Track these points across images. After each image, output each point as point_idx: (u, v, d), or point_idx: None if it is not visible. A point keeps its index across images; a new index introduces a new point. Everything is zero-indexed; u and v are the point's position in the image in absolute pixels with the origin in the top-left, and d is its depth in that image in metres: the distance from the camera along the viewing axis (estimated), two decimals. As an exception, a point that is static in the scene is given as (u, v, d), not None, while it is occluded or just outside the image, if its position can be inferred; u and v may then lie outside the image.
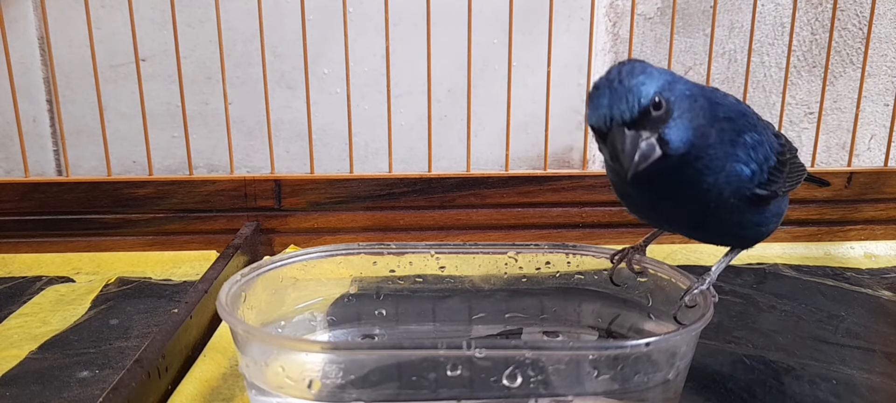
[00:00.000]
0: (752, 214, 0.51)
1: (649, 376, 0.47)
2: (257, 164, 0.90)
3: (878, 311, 0.69)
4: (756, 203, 0.51)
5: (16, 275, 0.76)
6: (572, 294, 0.63)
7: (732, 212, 0.50)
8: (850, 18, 0.92)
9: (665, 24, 0.90)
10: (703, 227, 0.53)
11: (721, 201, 0.49)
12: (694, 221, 0.52)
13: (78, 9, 0.81)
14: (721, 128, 0.48)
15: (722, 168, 0.48)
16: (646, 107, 0.43)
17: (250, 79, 0.86)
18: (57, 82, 0.83)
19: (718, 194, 0.48)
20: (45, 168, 0.88)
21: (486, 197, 0.85)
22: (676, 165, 0.46)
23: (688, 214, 0.51)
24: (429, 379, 0.46)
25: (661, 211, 0.52)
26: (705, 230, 0.54)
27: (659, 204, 0.51)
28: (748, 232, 0.54)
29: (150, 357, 0.52)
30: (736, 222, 0.51)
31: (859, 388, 0.55)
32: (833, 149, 0.96)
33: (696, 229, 0.54)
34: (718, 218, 0.50)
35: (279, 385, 0.47)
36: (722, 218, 0.50)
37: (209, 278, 0.67)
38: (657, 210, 0.53)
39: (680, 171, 0.47)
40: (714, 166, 0.47)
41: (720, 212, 0.50)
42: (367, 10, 0.86)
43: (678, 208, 0.50)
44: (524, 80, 0.89)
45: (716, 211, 0.49)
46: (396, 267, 0.63)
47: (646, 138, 0.44)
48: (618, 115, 0.43)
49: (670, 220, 0.54)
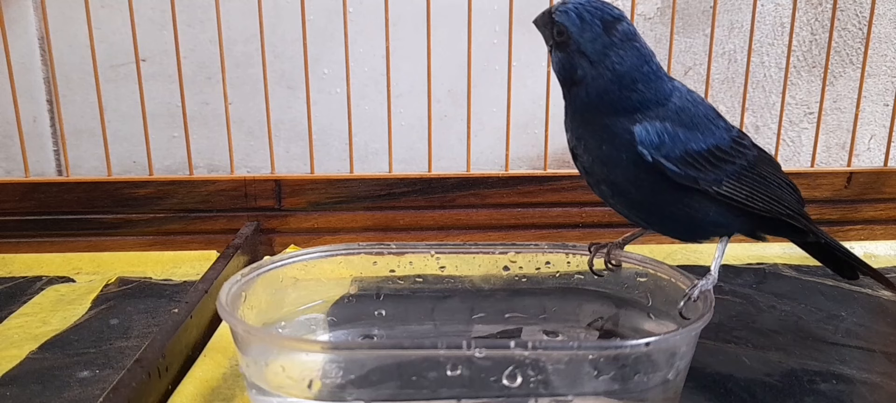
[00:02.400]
0: (672, 194, 0.54)
1: (649, 376, 0.47)
2: (257, 164, 0.90)
3: (878, 311, 0.69)
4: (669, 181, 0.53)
5: (16, 275, 0.76)
6: (572, 294, 0.63)
7: (643, 183, 0.53)
8: (850, 18, 0.92)
9: (665, 24, 0.90)
10: (638, 206, 0.56)
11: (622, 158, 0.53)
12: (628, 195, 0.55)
13: (78, 9, 0.81)
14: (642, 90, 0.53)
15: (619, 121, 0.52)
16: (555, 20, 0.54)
17: (250, 79, 0.86)
18: (57, 82, 0.83)
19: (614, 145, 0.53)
20: (45, 168, 0.88)
21: (486, 197, 0.85)
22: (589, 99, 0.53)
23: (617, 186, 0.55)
24: (429, 379, 0.46)
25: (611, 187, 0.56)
26: (641, 210, 0.56)
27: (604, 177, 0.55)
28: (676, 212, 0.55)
29: (150, 357, 0.52)
30: (651, 195, 0.54)
31: (859, 388, 0.55)
32: (833, 149, 0.96)
33: (636, 208, 0.56)
34: (632, 186, 0.54)
35: (279, 384, 0.47)
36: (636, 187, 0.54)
37: (209, 278, 0.67)
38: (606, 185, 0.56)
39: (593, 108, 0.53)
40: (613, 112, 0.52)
41: (628, 177, 0.53)
42: (367, 10, 0.86)
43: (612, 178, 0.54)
44: (524, 80, 0.89)
45: (622, 171, 0.53)
46: (396, 267, 0.63)
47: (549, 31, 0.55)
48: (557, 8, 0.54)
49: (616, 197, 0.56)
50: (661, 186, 0.53)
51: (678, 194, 0.54)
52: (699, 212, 0.55)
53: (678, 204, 0.54)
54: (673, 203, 0.54)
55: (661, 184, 0.53)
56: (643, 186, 0.54)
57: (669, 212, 0.55)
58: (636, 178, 0.53)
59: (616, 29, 0.52)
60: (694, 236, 0.58)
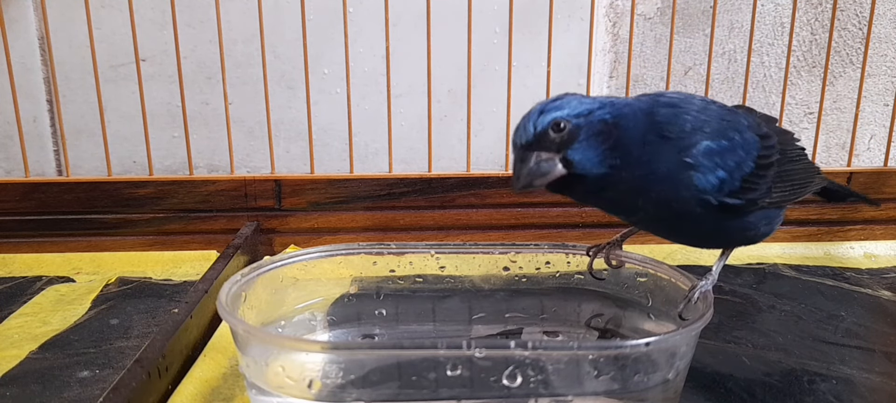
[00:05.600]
0: (731, 221, 0.51)
1: (649, 376, 0.47)
2: (257, 164, 0.90)
3: (878, 311, 0.69)
4: (730, 211, 0.50)
5: (16, 275, 0.76)
6: (572, 294, 0.63)
7: (703, 220, 0.50)
8: (850, 18, 0.92)
9: (665, 24, 0.90)
10: (681, 233, 0.54)
11: (686, 209, 0.49)
12: (670, 226, 0.53)
13: (78, 9, 0.81)
14: (659, 142, 0.49)
15: (671, 177, 0.48)
16: (543, 130, 0.47)
17: (250, 79, 0.86)
18: (57, 82, 0.83)
19: (678, 202, 0.49)
20: (45, 168, 0.88)
21: (486, 197, 0.85)
22: (613, 180, 0.48)
23: (660, 221, 0.52)
24: (429, 379, 0.46)
25: (639, 217, 0.53)
26: (683, 235, 0.55)
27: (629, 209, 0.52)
28: (732, 237, 0.54)
29: (150, 357, 0.52)
30: (711, 229, 0.52)
31: (859, 388, 0.55)
32: (833, 149, 0.96)
33: (676, 234, 0.55)
34: (691, 225, 0.51)
35: (279, 384, 0.47)
36: (695, 225, 0.51)
37: (209, 278, 0.67)
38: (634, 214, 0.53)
39: (624, 184, 0.48)
40: (659, 176, 0.48)
41: (689, 219, 0.50)
42: (367, 10, 0.86)
43: (651, 215, 0.51)
44: (524, 80, 0.89)
45: (686, 218, 0.50)
46: (396, 267, 0.63)
47: (544, 158, 0.47)
48: (517, 139, 0.48)
49: (649, 225, 0.55)
50: (711, 215, 0.50)
51: (731, 215, 0.51)
52: (751, 220, 0.52)
53: (735, 222, 0.52)
54: (728, 223, 0.51)
55: (711, 213, 0.50)
56: (687, 220, 0.50)
57: (714, 230, 0.52)
58: (691, 214, 0.50)
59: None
60: (750, 243, 0.55)
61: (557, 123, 0.47)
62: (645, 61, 0.92)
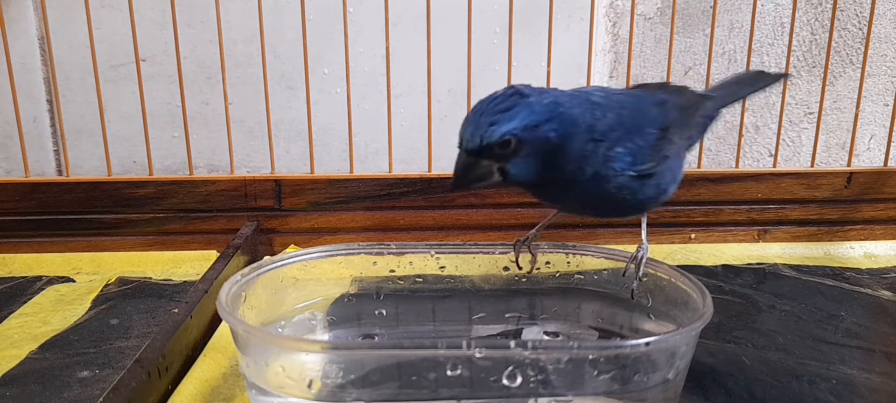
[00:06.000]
0: (646, 186, 0.54)
1: (649, 376, 0.47)
2: (257, 164, 0.90)
3: (877, 311, 0.69)
4: (645, 177, 0.53)
5: (16, 275, 0.76)
6: (572, 294, 0.63)
7: (623, 193, 0.53)
8: (850, 18, 0.92)
9: (665, 24, 0.90)
10: (603, 210, 0.58)
11: (608, 191, 0.53)
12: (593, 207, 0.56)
13: (78, 9, 0.81)
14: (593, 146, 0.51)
15: (597, 173, 0.51)
16: (489, 144, 0.48)
17: (250, 79, 0.86)
18: (57, 82, 0.83)
19: (602, 189, 0.52)
20: (45, 168, 0.88)
21: (486, 197, 0.85)
22: (544, 181, 0.51)
23: (585, 207, 0.56)
24: (429, 379, 0.46)
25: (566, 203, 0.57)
26: (605, 212, 0.58)
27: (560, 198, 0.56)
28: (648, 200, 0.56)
29: (150, 357, 0.52)
30: (631, 200, 0.54)
31: (859, 388, 0.55)
32: (833, 149, 0.96)
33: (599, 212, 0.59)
34: (612, 203, 0.54)
35: (279, 384, 0.47)
36: (616, 201, 0.54)
37: (209, 278, 0.67)
38: (562, 202, 0.57)
39: (555, 184, 0.52)
40: (588, 175, 0.51)
41: (610, 198, 0.53)
42: (367, 10, 0.86)
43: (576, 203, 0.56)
44: (524, 80, 0.88)
45: (607, 198, 0.53)
46: (396, 267, 0.63)
47: (486, 166, 0.50)
48: (464, 141, 0.49)
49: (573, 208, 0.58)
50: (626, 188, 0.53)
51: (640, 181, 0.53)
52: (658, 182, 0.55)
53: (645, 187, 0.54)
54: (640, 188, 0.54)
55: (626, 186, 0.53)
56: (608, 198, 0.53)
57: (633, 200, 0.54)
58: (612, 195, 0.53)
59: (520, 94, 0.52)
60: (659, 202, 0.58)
61: (507, 142, 0.48)
62: (645, 61, 0.92)
